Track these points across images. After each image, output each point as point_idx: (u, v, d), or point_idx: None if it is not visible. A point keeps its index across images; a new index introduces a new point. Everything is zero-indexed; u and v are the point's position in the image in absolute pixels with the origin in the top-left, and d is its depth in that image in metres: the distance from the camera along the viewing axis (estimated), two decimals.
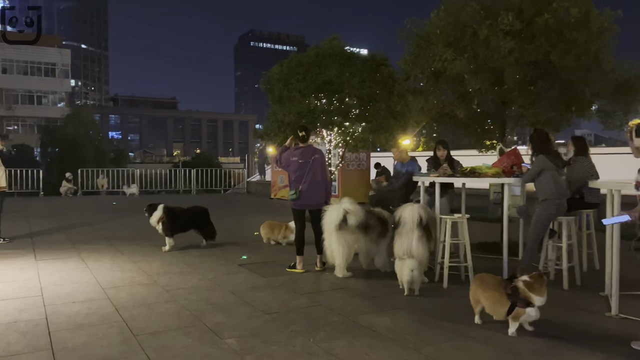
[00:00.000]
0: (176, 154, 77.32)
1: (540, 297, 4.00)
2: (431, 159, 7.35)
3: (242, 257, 7.07)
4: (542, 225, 5.49)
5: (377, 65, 10.31)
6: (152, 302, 4.89)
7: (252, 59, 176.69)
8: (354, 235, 5.89)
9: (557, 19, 6.41)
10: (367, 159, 16.26)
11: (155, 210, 7.55)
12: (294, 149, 6.32)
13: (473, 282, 4.41)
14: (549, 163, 5.33)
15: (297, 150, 6.30)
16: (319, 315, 4.55)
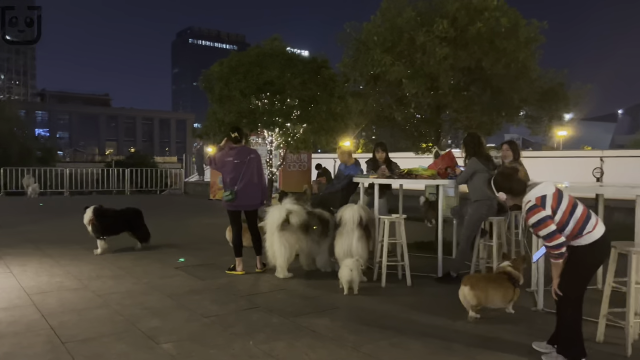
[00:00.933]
0: (109, 153, 74.14)
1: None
2: (370, 161, 7.49)
3: (180, 260, 6.89)
4: (474, 225, 5.74)
5: (318, 68, 10.37)
6: (82, 308, 4.66)
7: (190, 57, 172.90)
8: (296, 235, 5.89)
9: (488, 28, 6.74)
10: (309, 160, 16.33)
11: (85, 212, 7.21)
12: (228, 150, 6.24)
13: (466, 283, 4.50)
14: (481, 166, 5.58)
15: (232, 151, 6.21)
16: (258, 317, 4.52)
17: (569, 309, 3.49)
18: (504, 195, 3.58)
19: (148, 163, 36.40)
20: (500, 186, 3.60)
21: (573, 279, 3.45)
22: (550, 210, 3.33)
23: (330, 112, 10.20)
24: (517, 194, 3.54)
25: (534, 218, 3.36)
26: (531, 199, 3.40)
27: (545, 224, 3.32)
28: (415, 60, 6.80)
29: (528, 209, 3.41)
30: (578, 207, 3.39)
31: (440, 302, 5.09)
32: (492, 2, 6.84)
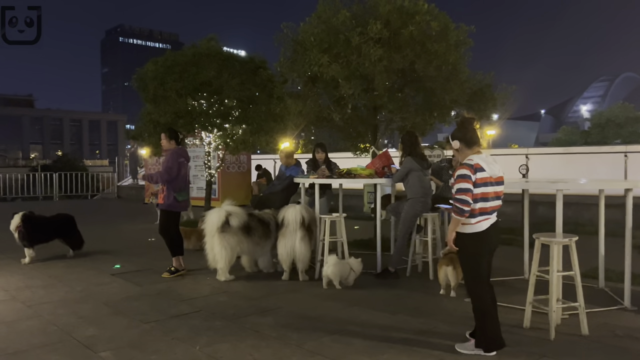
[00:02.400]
0: (34, 157, 69.94)
1: None
2: (310, 161, 7.58)
3: (115, 266, 6.67)
4: (410, 222, 5.96)
5: (256, 68, 10.30)
6: (11, 320, 4.42)
7: (121, 56, 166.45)
8: (237, 237, 5.86)
9: (420, 31, 7.01)
10: (248, 161, 16.23)
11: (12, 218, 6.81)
12: (177, 151, 6.16)
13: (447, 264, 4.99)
14: (416, 164, 5.80)
15: (180, 151, 6.25)
16: (200, 320, 4.47)
17: (473, 300, 3.68)
18: (457, 143, 3.61)
19: (77, 167, 34.72)
20: (455, 135, 3.64)
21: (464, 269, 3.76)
22: (473, 180, 3.45)
23: (270, 112, 10.19)
24: (469, 144, 3.58)
25: (462, 171, 3.48)
26: (473, 159, 3.51)
27: (466, 180, 3.45)
28: (351, 61, 6.96)
29: (463, 163, 3.53)
30: (490, 200, 3.53)
31: (379, 296, 5.25)
32: (422, 6, 7.12)
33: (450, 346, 3.76)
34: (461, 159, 3.61)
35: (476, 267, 3.63)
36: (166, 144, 6.28)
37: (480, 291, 3.64)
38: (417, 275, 6.09)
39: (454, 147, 3.64)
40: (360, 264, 5.54)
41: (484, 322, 3.61)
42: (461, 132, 3.63)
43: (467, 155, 3.58)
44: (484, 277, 3.64)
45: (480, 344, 3.58)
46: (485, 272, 3.64)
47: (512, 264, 6.09)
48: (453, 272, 4.98)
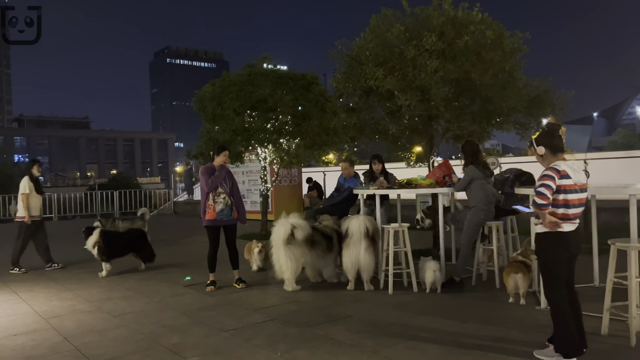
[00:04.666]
0: (90, 176, 73.33)
1: None
2: (367, 173, 7.71)
3: (186, 278, 6.98)
4: (473, 230, 5.97)
5: (308, 84, 10.59)
6: (101, 329, 4.74)
7: (168, 76, 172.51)
8: (301, 249, 6.04)
9: (474, 40, 7.05)
10: (299, 175, 16.50)
11: (90, 234, 7.27)
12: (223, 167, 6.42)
13: (515, 271, 5.07)
14: (479, 173, 5.83)
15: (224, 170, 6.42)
16: (275, 328, 4.65)
17: (550, 304, 3.67)
18: (542, 149, 3.58)
19: (131, 184, 36.24)
20: (540, 141, 3.62)
21: (541, 272, 3.74)
22: (557, 184, 3.45)
23: (322, 126, 10.43)
24: (555, 151, 3.56)
25: (547, 172, 3.49)
26: (560, 165, 3.51)
27: (550, 179, 3.45)
28: (406, 73, 7.06)
29: (550, 167, 3.52)
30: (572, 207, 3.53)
31: (446, 305, 5.29)
32: (476, 15, 7.16)
33: (526, 352, 3.77)
34: (545, 165, 3.63)
35: (554, 271, 3.62)
36: (226, 159, 6.44)
37: (555, 296, 3.63)
38: (482, 284, 6.08)
39: (538, 153, 3.63)
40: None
41: (562, 327, 3.60)
42: (547, 138, 3.61)
43: (551, 162, 3.58)
44: (562, 282, 3.63)
45: (560, 349, 3.57)
46: (563, 276, 3.63)
47: (580, 271, 5.95)
48: (522, 279, 4.98)
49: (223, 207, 6.27)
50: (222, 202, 6.28)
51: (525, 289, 5.04)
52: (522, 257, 5.21)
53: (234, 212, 6.33)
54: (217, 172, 6.30)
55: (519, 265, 5.13)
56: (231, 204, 6.30)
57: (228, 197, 6.30)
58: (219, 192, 6.30)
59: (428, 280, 5.68)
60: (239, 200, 6.46)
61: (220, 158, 6.36)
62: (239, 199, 6.48)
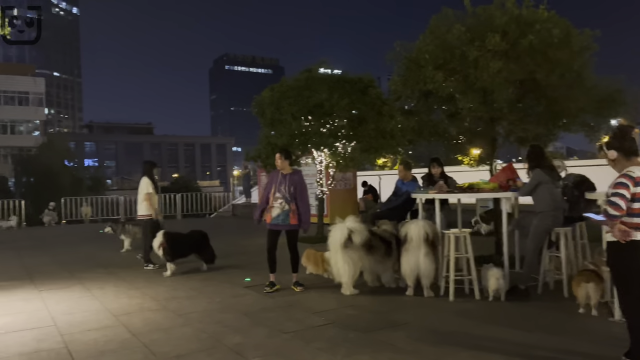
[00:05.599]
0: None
1: None
2: (426, 176, 7.59)
3: (246, 280, 7.12)
4: (540, 237, 5.73)
5: (365, 87, 10.58)
6: (167, 327, 4.92)
7: (227, 82, 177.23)
8: (359, 253, 6.02)
9: (540, 39, 6.76)
10: (354, 178, 16.46)
11: (154, 236, 7.58)
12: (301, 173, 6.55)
13: (587, 280, 4.85)
14: (545, 177, 5.60)
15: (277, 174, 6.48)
16: (335, 332, 4.65)
17: (625, 316, 3.46)
18: (614, 153, 3.45)
19: (192, 188, 37.46)
20: (612, 144, 3.48)
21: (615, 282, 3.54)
22: (631, 192, 3.30)
23: (379, 130, 10.38)
24: (628, 154, 3.41)
25: (621, 179, 3.35)
26: (634, 171, 3.35)
27: (623, 187, 3.30)
28: (468, 75, 6.89)
29: (623, 174, 3.37)
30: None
31: (511, 314, 5.10)
32: (542, 14, 6.89)
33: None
34: (618, 170, 3.45)
35: (629, 281, 3.43)
36: (281, 163, 6.46)
37: (631, 307, 3.43)
38: (549, 293, 5.82)
39: (609, 157, 3.46)
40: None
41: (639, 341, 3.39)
42: (618, 141, 3.45)
43: (624, 166, 3.41)
44: (638, 292, 3.42)
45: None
46: (638, 287, 3.42)
47: None
48: (594, 289, 4.73)
49: (279, 212, 6.29)
50: (279, 207, 6.29)
51: (597, 299, 4.79)
52: (593, 266, 4.95)
53: (291, 217, 6.30)
54: (269, 176, 6.44)
55: (590, 274, 4.87)
56: (289, 209, 6.28)
57: (286, 203, 6.28)
58: (277, 196, 6.32)
59: (491, 287, 5.51)
60: (301, 206, 6.34)
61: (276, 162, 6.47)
62: (302, 205, 6.36)
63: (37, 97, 55.51)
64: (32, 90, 54.84)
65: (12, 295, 6.49)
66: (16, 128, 55.00)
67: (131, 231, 10.40)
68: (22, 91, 54.37)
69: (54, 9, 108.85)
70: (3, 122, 53.73)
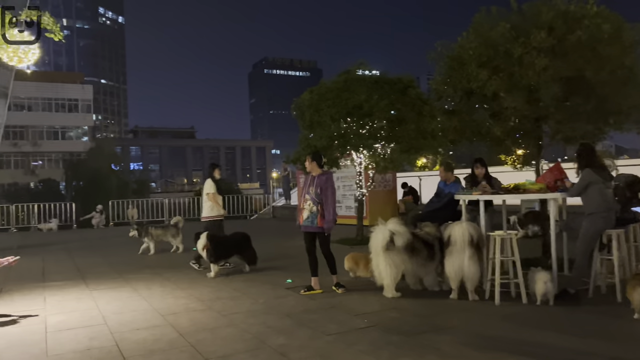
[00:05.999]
0: (196, 182, 78.11)
1: None
2: (469, 177, 7.44)
3: (287, 281, 7.17)
4: (591, 239, 5.53)
5: (404, 88, 10.48)
6: (213, 327, 5.01)
7: (266, 86, 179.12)
8: (401, 256, 5.96)
9: (589, 35, 6.54)
10: (393, 180, 16.33)
11: (199, 238, 7.74)
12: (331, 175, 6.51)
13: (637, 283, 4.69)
14: (596, 176, 5.39)
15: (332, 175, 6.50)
16: (378, 335, 4.62)
17: None
18: None
19: (233, 190, 38.02)
20: None
21: None
22: None
23: (419, 130, 10.26)
24: None
25: None
26: None
27: None
28: (512, 73, 6.73)
29: None
30: None
31: (560, 319, 4.95)
32: (591, 8, 6.66)
33: None
34: None
35: None
36: (309, 165, 6.51)
37: None
38: (601, 298, 5.60)
39: None
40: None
41: None
42: None
43: None
44: None
45: None
46: None
47: None
48: None
49: (308, 214, 6.35)
50: (308, 208, 6.36)
51: None
52: None
53: (319, 219, 6.30)
54: (304, 180, 6.50)
55: None
56: (316, 211, 6.30)
57: (313, 204, 6.32)
58: (306, 198, 6.43)
59: (539, 291, 5.34)
60: (326, 208, 6.29)
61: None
62: (326, 206, 6.29)
63: (85, 103, 57.76)
64: (81, 97, 57.15)
65: (66, 295, 6.76)
66: (66, 134, 57.38)
67: (154, 234, 10.65)
68: (71, 98, 56.73)
69: (101, 19, 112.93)
70: (54, 128, 56.16)
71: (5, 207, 19.40)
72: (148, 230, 10.65)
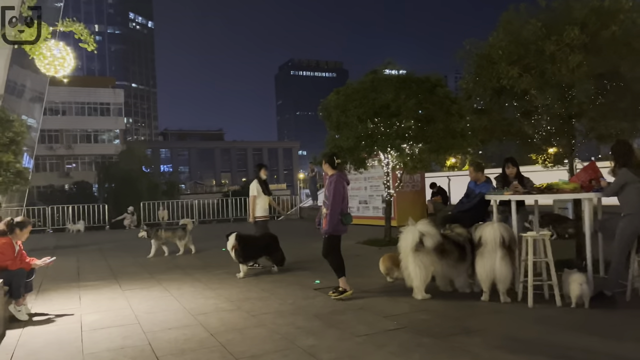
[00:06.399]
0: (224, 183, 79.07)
1: None
2: (500, 177, 7.31)
3: (315, 282, 7.19)
4: (628, 240, 5.37)
5: (432, 87, 10.38)
6: (242, 327, 5.05)
7: (292, 87, 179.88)
8: (431, 257, 5.90)
9: (624, 30, 6.35)
10: (422, 180, 16.18)
11: (228, 239, 7.83)
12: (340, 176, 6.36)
13: None
14: (632, 176, 5.23)
15: (343, 176, 6.38)
16: (408, 336, 4.58)
17: None
18: None
19: None
20: None
21: None
22: None
23: (448, 129, 10.12)
24: None
25: None
26: None
27: None
28: (544, 70, 6.58)
29: None
30: None
31: (596, 322, 4.81)
32: (626, 3, 6.45)
33: None
34: None
35: None
36: (326, 168, 6.49)
37: None
38: (639, 300, 5.42)
39: None
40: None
41: None
42: None
43: None
44: None
45: None
46: None
47: None
48: None
49: (323, 216, 6.37)
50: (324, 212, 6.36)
51: None
52: None
53: (324, 221, 6.27)
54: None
55: None
56: (325, 212, 6.28)
57: (324, 206, 6.35)
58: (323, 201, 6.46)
59: (574, 293, 5.21)
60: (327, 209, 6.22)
61: None
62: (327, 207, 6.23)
63: (117, 107, 59.19)
64: (112, 101, 58.62)
65: (100, 294, 6.93)
66: (99, 137, 58.88)
67: (162, 236, 10.78)
68: (103, 102, 58.24)
69: (131, 24, 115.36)
70: (87, 131, 57.72)
71: (42, 209, 20.03)
72: (157, 233, 10.81)
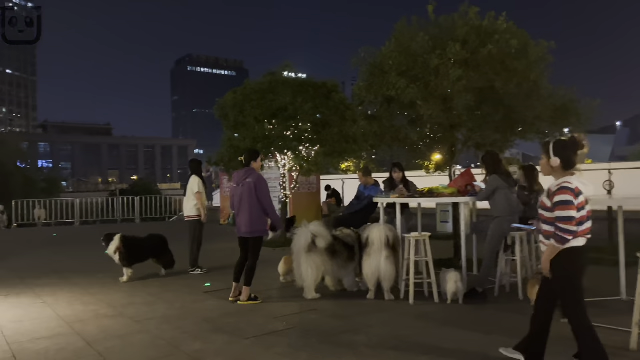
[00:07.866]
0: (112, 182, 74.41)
1: None
2: (387, 181, 7.67)
3: (206, 285, 7.01)
4: (497, 241, 5.89)
5: (328, 92, 10.63)
6: (124, 334, 4.77)
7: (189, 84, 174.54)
8: (322, 257, 6.01)
9: (499, 49, 6.98)
10: (317, 182, 16.49)
11: (111, 240, 7.34)
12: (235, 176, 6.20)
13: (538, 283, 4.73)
14: (502, 182, 5.76)
15: (236, 175, 6.14)
16: (296, 337, 4.62)
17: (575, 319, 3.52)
18: (557, 161, 3.46)
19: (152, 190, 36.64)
20: (558, 152, 3.48)
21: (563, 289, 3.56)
22: (576, 205, 3.35)
23: (342, 134, 10.44)
24: (567, 167, 3.45)
25: (563, 196, 3.35)
26: (572, 182, 3.39)
27: (570, 207, 3.32)
28: (429, 82, 7.03)
29: (563, 187, 3.38)
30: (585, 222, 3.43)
31: (469, 317, 5.20)
32: (501, 25, 7.10)
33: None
34: (555, 177, 3.54)
35: (577, 286, 3.54)
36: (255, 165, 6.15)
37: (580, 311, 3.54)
38: (505, 296, 5.98)
39: (552, 164, 3.52)
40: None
41: (590, 341, 3.50)
42: (566, 152, 3.50)
43: (560, 175, 3.48)
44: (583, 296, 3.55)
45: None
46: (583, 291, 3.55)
47: (606, 284, 5.84)
48: None
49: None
50: None
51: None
52: None
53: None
54: None
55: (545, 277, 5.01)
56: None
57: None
58: None
59: (450, 290, 5.61)
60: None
61: None
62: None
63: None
64: None
65: None
66: None
67: None
68: None
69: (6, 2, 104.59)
70: None
71: None
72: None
